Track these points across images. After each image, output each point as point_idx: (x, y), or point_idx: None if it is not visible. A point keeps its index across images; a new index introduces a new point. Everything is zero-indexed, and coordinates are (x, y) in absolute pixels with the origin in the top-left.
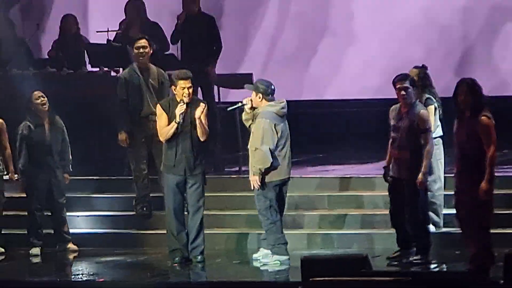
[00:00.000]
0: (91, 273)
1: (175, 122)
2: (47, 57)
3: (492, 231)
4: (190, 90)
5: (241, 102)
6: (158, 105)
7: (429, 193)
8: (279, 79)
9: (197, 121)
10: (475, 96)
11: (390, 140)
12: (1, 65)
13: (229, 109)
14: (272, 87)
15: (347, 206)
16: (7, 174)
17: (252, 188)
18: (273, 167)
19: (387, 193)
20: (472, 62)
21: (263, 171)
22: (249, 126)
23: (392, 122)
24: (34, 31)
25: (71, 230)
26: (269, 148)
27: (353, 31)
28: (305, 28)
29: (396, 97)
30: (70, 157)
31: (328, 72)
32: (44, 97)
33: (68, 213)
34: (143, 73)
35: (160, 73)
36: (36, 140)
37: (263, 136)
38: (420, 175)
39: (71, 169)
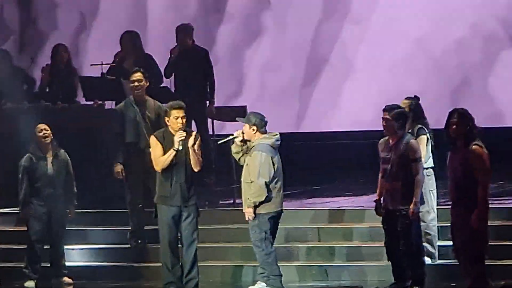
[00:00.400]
0: None
1: (174, 149)
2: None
3: (488, 262)
4: (184, 120)
5: (232, 135)
6: (152, 136)
7: (423, 224)
8: (273, 111)
9: (191, 151)
10: (467, 125)
11: (381, 173)
12: None
13: (219, 142)
14: (265, 119)
15: (340, 239)
16: None
17: (247, 219)
18: (267, 200)
19: (381, 225)
20: (467, 92)
21: (257, 204)
22: (239, 159)
23: (381, 155)
24: (29, 64)
25: (66, 263)
26: (265, 182)
27: (348, 63)
28: (299, 60)
29: None
30: (75, 190)
31: (323, 104)
32: (47, 130)
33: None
34: (140, 105)
35: (157, 106)
36: (38, 172)
37: (260, 169)
38: (411, 205)
39: (75, 203)
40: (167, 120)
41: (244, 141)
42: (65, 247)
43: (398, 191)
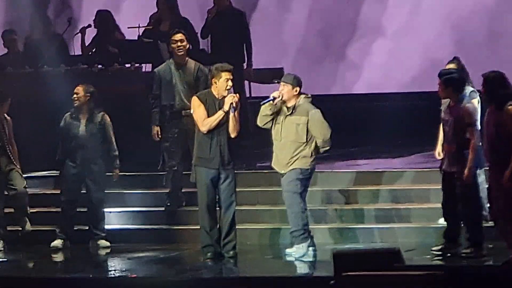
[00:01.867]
0: (124, 269)
1: (223, 111)
2: (79, 53)
3: None
4: (231, 83)
5: (273, 96)
6: (195, 97)
7: None
8: (309, 73)
9: (231, 115)
10: (500, 88)
11: (442, 134)
12: (34, 62)
13: (262, 103)
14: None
15: (377, 201)
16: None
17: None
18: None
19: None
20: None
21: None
22: (266, 123)
23: (442, 115)
24: (66, 27)
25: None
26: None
27: (381, 25)
28: (333, 23)
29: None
30: (116, 153)
31: (357, 66)
32: (77, 93)
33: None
34: (179, 68)
35: (198, 68)
36: (70, 133)
37: (324, 124)
38: (466, 170)
39: (118, 165)
40: (215, 82)
41: (283, 102)
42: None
43: (454, 153)
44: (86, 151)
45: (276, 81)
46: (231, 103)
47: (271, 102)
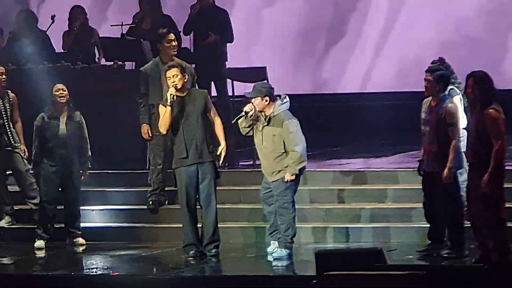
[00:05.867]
0: (105, 267)
1: (167, 106)
2: (61, 51)
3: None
4: (175, 79)
5: (245, 111)
6: (160, 105)
7: None
8: (291, 73)
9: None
10: (482, 89)
11: (422, 134)
12: (18, 60)
13: (233, 121)
14: (272, 86)
15: (358, 200)
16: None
17: (287, 180)
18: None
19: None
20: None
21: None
22: (246, 133)
23: (422, 116)
24: (50, 24)
25: (86, 224)
26: (304, 147)
27: (368, 25)
28: (318, 22)
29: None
30: (89, 154)
31: (341, 66)
32: (64, 90)
33: (83, 207)
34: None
35: (185, 67)
36: (49, 132)
37: (295, 137)
38: (446, 170)
39: (89, 166)
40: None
41: (255, 114)
42: (85, 208)
43: (434, 153)
44: (65, 150)
45: (246, 95)
46: (170, 95)
47: (243, 117)
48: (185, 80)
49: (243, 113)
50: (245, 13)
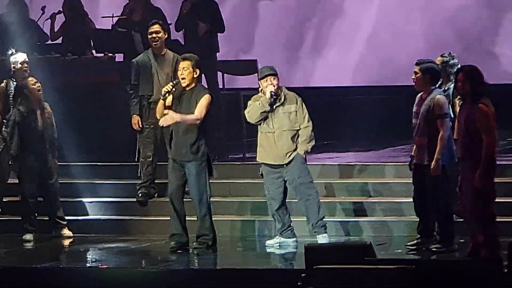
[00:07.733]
0: (94, 259)
1: (161, 99)
2: (51, 42)
3: (499, 219)
4: (185, 72)
5: (272, 92)
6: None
7: None
8: (282, 66)
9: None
10: (472, 83)
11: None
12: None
13: (269, 103)
14: None
15: (349, 194)
16: None
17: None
18: None
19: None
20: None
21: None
22: (257, 122)
23: (414, 109)
24: (40, 15)
25: (76, 217)
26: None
27: (359, 18)
28: (309, 14)
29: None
30: (57, 143)
31: (333, 59)
32: (39, 83)
33: (72, 199)
34: (157, 58)
35: (176, 59)
36: (28, 127)
37: (307, 112)
38: (433, 162)
39: (56, 154)
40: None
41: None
42: (74, 200)
43: (424, 146)
44: (43, 143)
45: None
46: (164, 89)
47: (271, 98)
48: (195, 76)
49: (273, 94)
50: (236, 6)
